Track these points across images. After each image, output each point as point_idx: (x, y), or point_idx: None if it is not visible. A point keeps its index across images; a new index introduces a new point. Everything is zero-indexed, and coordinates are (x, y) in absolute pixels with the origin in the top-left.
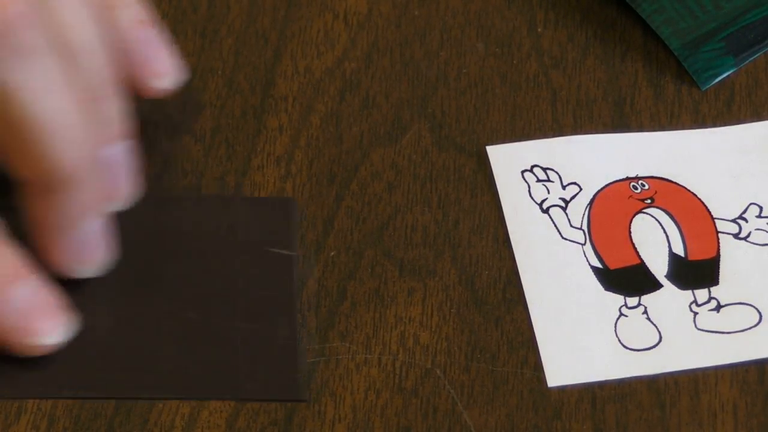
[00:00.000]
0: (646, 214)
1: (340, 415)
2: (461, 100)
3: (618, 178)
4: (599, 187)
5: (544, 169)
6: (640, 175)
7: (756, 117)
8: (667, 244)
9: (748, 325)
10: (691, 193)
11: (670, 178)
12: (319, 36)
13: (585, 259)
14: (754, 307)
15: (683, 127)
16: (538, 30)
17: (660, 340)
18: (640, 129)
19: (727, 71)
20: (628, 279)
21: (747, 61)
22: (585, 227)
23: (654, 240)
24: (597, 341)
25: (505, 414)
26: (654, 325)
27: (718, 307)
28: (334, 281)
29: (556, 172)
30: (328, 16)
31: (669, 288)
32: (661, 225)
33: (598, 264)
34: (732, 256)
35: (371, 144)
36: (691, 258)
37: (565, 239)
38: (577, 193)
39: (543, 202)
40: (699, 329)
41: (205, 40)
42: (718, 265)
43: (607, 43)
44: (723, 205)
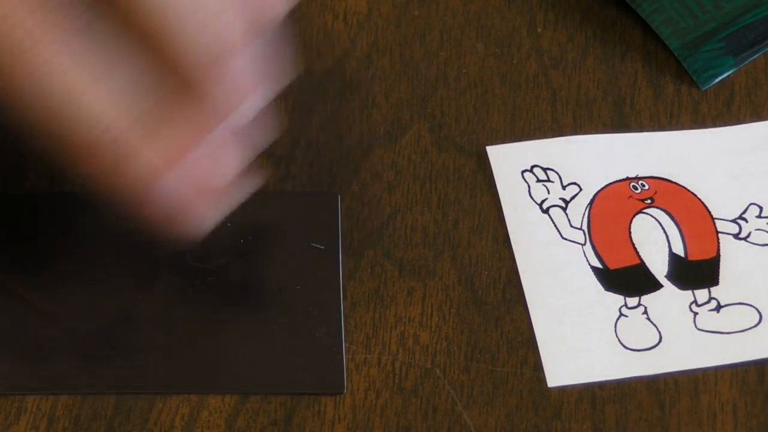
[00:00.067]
0: (646, 214)
1: (340, 415)
2: (461, 100)
3: (618, 178)
4: (599, 187)
5: (544, 169)
6: (640, 175)
7: (756, 117)
8: (667, 244)
9: (748, 325)
10: (691, 193)
11: (670, 178)
12: (319, 36)
13: (585, 259)
14: (754, 307)
15: (683, 127)
16: (538, 30)
17: (660, 340)
18: (640, 129)
19: (726, 71)
20: (628, 279)
21: (747, 61)
22: (585, 227)
23: (654, 240)
24: (597, 341)
25: (505, 414)
26: (654, 325)
27: (718, 307)
28: None
29: (556, 172)
30: (328, 16)
31: (669, 288)
32: (661, 225)
33: (598, 264)
34: (732, 256)
35: (371, 144)
36: (691, 258)
37: (565, 239)
38: (577, 193)
39: (543, 202)
40: (699, 329)
41: None
42: (718, 265)
43: (607, 43)
44: (723, 205)
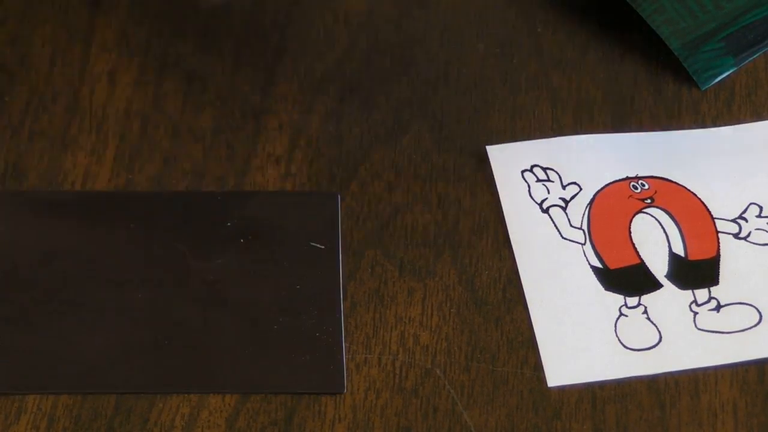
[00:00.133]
0: (646, 213)
1: (340, 415)
2: (461, 100)
3: (618, 178)
4: (599, 187)
5: (544, 169)
6: (640, 175)
7: (756, 117)
8: (667, 244)
9: (748, 325)
10: (691, 193)
11: (670, 178)
12: (319, 36)
13: (585, 259)
14: (754, 307)
15: (683, 127)
16: (538, 30)
17: (660, 340)
18: (640, 129)
19: (727, 71)
20: (628, 279)
21: (747, 61)
22: (585, 227)
23: (654, 240)
24: (597, 341)
25: (505, 414)
26: (654, 324)
27: (718, 307)
28: None
29: (556, 172)
30: (328, 16)
31: (669, 288)
32: (661, 225)
33: (598, 264)
34: (732, 255)
35: (371, 144)
36: (691, 258)
37: (565, 239)
38: (577, 193)
39: (543, 202)
40: (699, 329)
41: (205, 40)
42: (718, 265)
43: (607, 43)
44: (723, 205)
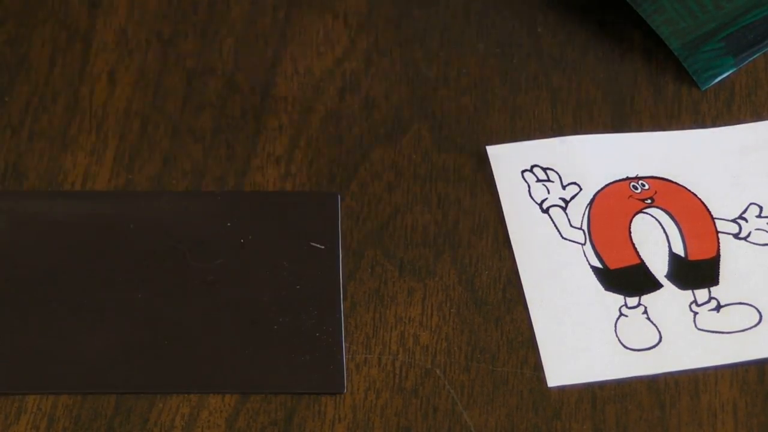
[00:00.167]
0: (646, 214)
1: (340, 415)
2: (461, 100)
3: (618, 178)
4: (599, 187)
5: (544, 169)
6: (640, 175)
7: (756, 117)
8: (667, 244)
9: (748, 325)
10: (691, 193)
11: (670, 178)
12: (319, 36)
13: (585, 259)
14: (754, 307)
15: (683, 127)
16: (538, 30)
17: (660, 340)
18: (640, 129)
19: (726, 71)
20: (628, 279)
21: (747, 61)
22: (585, 227)
23: (654, 240)
24: (597, 341)
25: (505, 414)
26: (654, 325)
27: (718, 307)
28: None
29: (556, 172)
30: (328, 16)
31: (669, 288)
32: (661, 225)
33: (598, 264)
34: (732, 256)
35: (371, 144)
36: (691, 258)
37: (565, 239)
38: (577, 193)
39: (543, 202)
40: (699, 329)
41: (205, 40)
42: (718, 265)
43: (607, 43)
44: (723, 205)
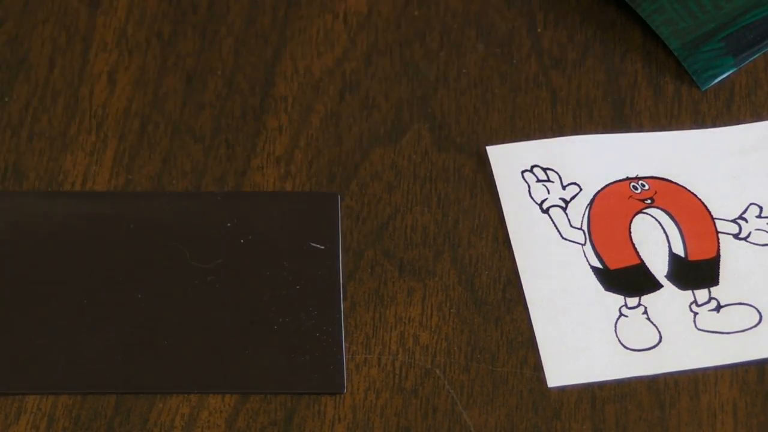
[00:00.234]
0: (646, 214)
1: (340, 415)
2: (461, 100)
3: (618, 178)
4: (599, 187)
5: (544, 169)
6: (640, 175)
7: (756, 117)
8: (667, 244)
9: (748, 325)
10: (691, 193)
11: (670, 178)
12: (318, 36)
13: (585, 259)
14: (754, 307)
15: (683, 127)
16: (538, 30)
17: (660, 340)
18: (640, 129)
19: (726, 71)
20: (628, 279)
21: (747, 61)
22: (585, 227)
23: (654, 240)
24: (597, 341)
25: (505, 414)
26: (654, 325)
27: (718, 307)
28: None
29: (556, 172)
30: (328, 16)
31: (669, 288)
32: (661, 225)
33: (598, 264)
34: (732, 256)
35: (371, 144)
36: (691, 258)
37: (565, 239)
38: (577, 193)
39: (543, 202)
40: (699, 329)
41: (205, 40)
42: (718, 265)
43: (607, 43)
44: (723, 205)
